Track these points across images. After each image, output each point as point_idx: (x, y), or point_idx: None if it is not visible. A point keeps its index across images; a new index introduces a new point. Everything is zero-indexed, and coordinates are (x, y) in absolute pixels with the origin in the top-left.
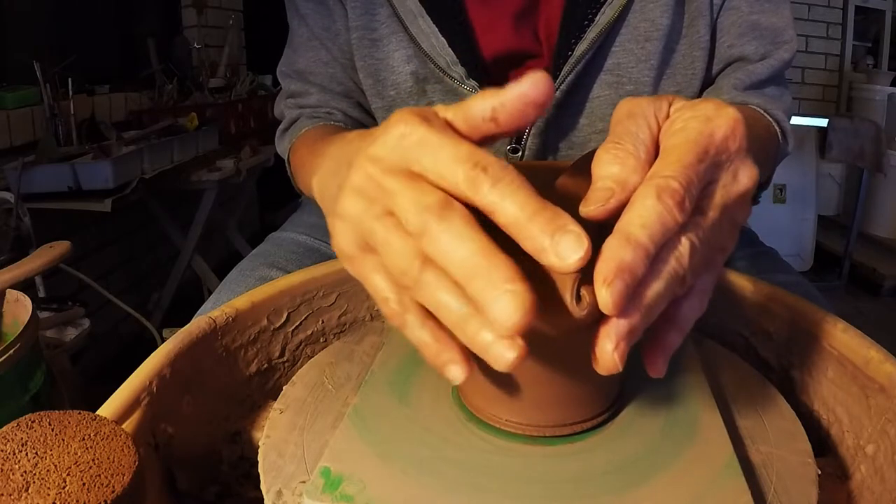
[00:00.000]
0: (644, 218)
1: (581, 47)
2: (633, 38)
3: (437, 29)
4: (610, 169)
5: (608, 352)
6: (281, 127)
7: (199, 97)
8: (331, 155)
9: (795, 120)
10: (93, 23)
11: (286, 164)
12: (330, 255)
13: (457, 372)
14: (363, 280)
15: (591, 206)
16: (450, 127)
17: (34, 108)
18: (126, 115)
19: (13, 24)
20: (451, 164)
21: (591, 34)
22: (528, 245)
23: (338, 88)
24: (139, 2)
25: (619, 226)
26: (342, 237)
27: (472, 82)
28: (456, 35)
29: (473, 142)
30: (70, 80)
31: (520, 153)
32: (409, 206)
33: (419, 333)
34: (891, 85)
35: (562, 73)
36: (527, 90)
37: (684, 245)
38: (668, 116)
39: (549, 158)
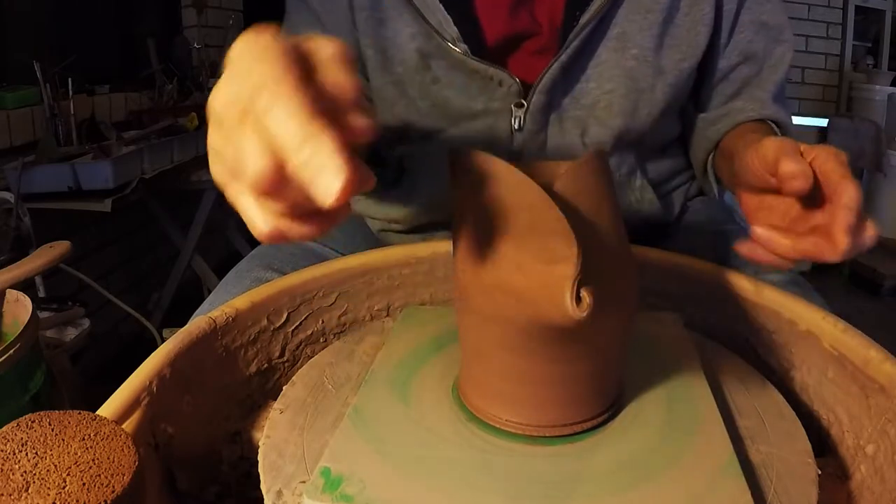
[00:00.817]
0: (856, 196)
1: (585, 17)
2: (636, 10)
3: (442, 6)
4: (798, 165)
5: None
6: None
7: (200, 97)
8: None
9: (796, 120)
10: (93, 23)
11: None
12: (327, 257)
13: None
14: (234, 204)
15: (800, 181)
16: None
17: (34, 108)
18: (126, 115)
19: (13, 24)
20: (252, 92)
21: (594, 7)
22: (294, 173)
23: None
24: (139, 2)
25: (845, 202)
26: (213, 166)
27: (476, 58)
28: (461, 14)
29: None
30: (70, 79)
31: (525, 107)
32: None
33: (302, 229)
34: (891, 85)
35: (567, 39)
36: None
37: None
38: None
39: (553, 115)
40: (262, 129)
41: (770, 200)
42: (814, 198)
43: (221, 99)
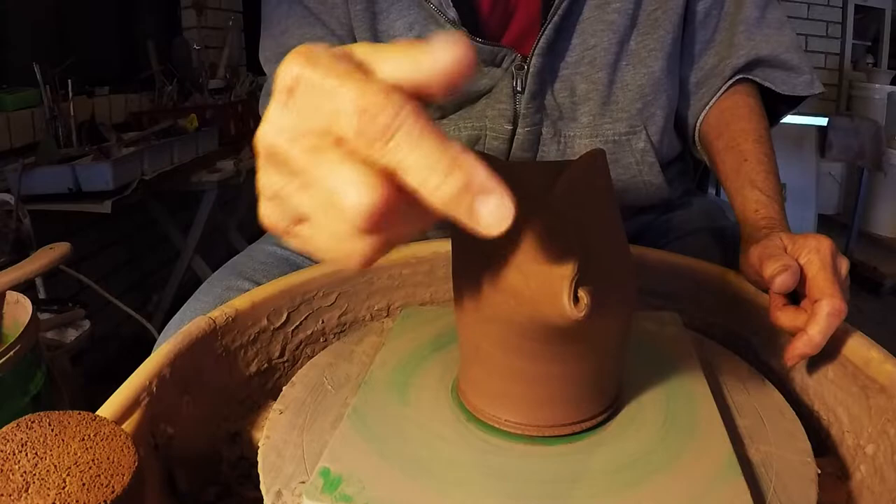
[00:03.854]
0: (840, 308)
1: None
2: None
3: None
4: (778, 264)
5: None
6: None
7: (199, 98)
8: None
9: (796, 119)
10: (92, 25)
11: None
12: (300, 265)
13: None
14: (304, 248)
15: (780, 279)
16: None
17: (34, 110)
18: (126, 117)
19: (13, 25)
20: (341, 118)
21: None
22: (444, 211)
23: None
24: (139, 3)
25: (820, 330)
26: (270, 216)
27: (478, 40)
28: None
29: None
30: (70, 81)
31: (525, 69)
32: (324, 183)
33: (384, 239)
34: (890, 83)
35: (556, 3)
36: (449, 61)
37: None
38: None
39: (548, 77)
40: (374, 157)
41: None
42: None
43: (282, 130)
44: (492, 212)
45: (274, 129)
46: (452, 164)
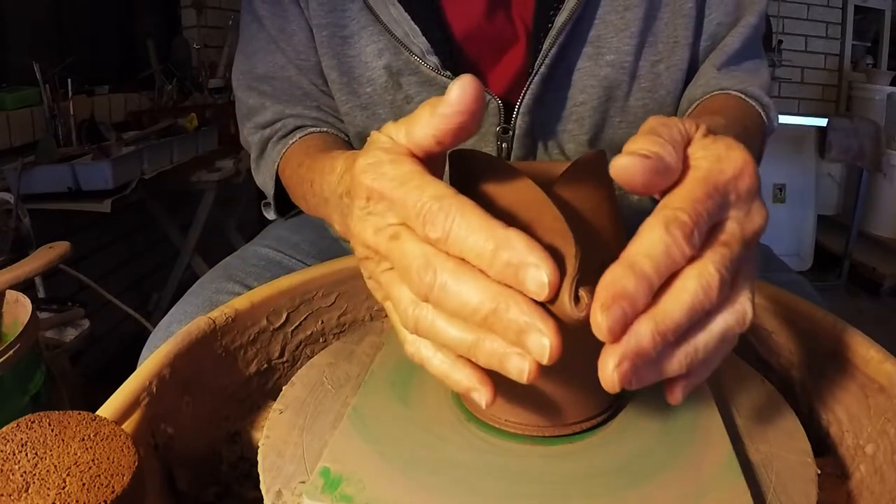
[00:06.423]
0: (650, 248)
1: (560, 18)
2: (613, 9)
3: (409, 16)
4: (653, 141)
5: (608, 369)
6: (253, 156)
7: (199, 98)
8: (315, 193)
9: (795, 120)
10: (92, 24)
11: (271, 196)
12: (292, 268)
13: (484, 395)
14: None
15: (629, 161)
16: (408, 153)
17: (34, 109)
18: (126, 116)
19: (13, 24)
20: (410, 221)
21: (570, 4)
22: (502, 281)
23: (297, 93)
24: (139, 3)
25: (625, 254)
26: (373, 292)
27: (447, 73)
28: (428, 22)
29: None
30: (70, 80)
31: (510, 133)
32: (405, 269)
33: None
34: (890, 84)
35: (544, 47)
36: (455, 103)
37: (711, 274)
38: (690, 139)
39: (539, 136)
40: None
41: None
42: None
43: (367, 228)
44: (533, 279)
45: (364, 229)
46: (497, 245)
